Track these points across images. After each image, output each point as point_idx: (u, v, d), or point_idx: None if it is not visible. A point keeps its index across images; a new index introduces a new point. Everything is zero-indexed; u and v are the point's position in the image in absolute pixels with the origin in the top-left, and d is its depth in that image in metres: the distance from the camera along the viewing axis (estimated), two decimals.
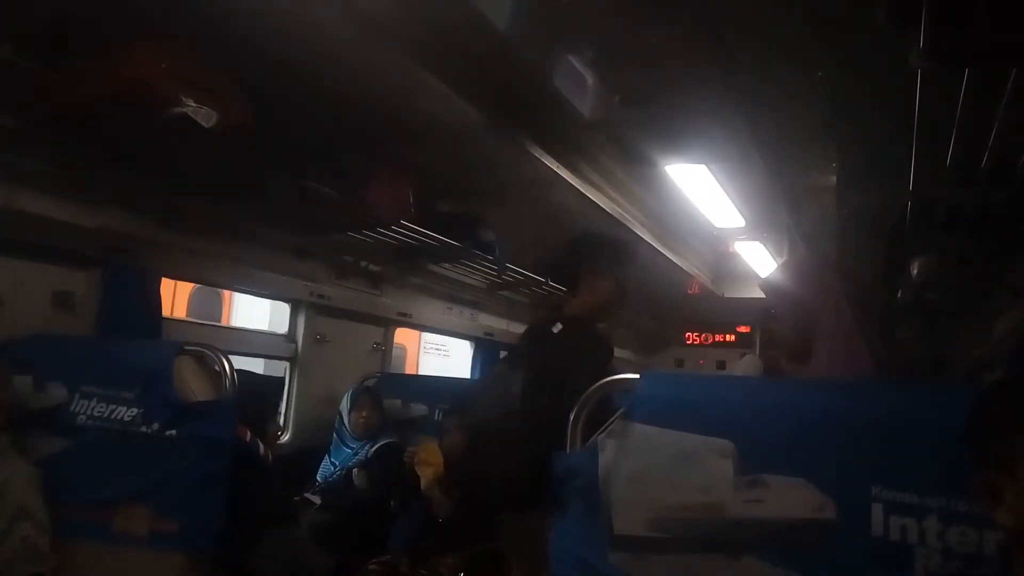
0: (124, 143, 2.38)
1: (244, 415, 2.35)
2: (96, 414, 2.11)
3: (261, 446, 2.50)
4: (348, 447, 3.52)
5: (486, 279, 4.63)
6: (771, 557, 1.34)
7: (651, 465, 1.47)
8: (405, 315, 4.33)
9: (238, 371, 2.24)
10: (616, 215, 3.78)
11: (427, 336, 6.82)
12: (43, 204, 2.39)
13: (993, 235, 2.80)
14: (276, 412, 2.67)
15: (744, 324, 7.79)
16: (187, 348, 2.24)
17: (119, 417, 2.09)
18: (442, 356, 7.58)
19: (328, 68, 2.31)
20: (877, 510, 1.27)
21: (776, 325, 2.00)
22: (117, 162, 2.51)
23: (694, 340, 7.97)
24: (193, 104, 2.10)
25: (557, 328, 2.44)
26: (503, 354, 5.47)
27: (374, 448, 3.47)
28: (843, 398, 1.46)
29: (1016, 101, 1.81)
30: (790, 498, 1.34)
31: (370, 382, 3.97)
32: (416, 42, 2.18)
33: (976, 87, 1.78)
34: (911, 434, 1.28)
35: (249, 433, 2.43)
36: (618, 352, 7.48)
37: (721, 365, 7.49)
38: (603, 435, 1.54)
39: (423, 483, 3.14)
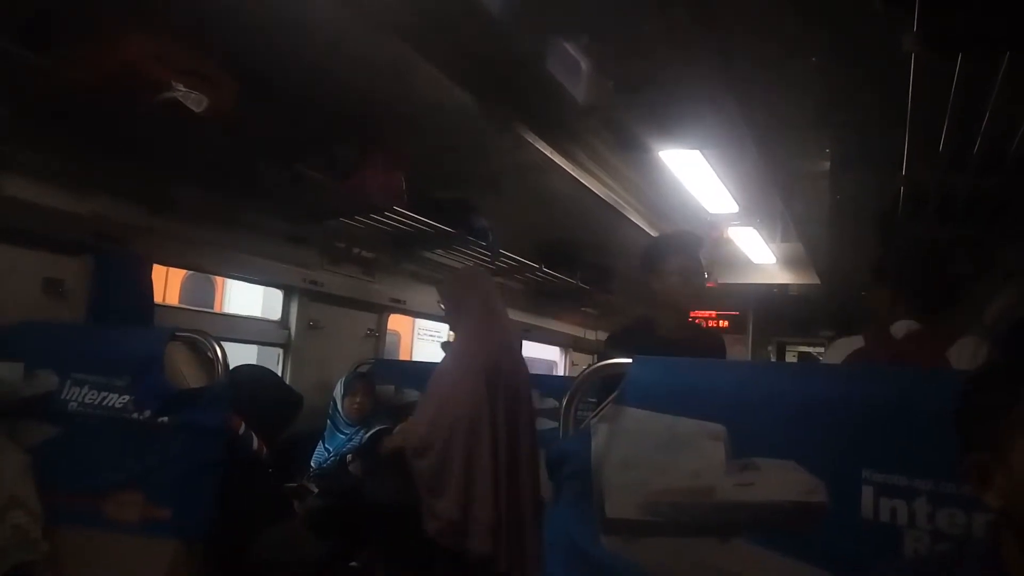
0: (114, 129, 2.36)
1: (258, 418, 2.35)
2: (87, 401, 2.10)
3: (255, 440, 2.49)
4: (342, 433, 3.52)
5: (480, 265, 4.63)
6: (762, 540, 1.34)
7: (643, 449, 1.47)
8: (399, 301, 4.33)
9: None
10: (610, 201, 3.78)
11: (421, 322, 6.82)
12: (33, 191, 2.36)
13: (985, 220, 2.82)
14: (286, 427, 2.67)
15: (737, 309, 7.80)
16: (179, 335, 2.22)
17: (110, 404, 2.08)
18: (436, 342, 7.58)
19: (320, 53, 2.29)
20: (867, 492, 1.27)
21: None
22: (107, 148, 2.49)
23: None
24: (183, 89, 2.08)
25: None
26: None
27: (368, 434, 3.47)
28: (835, 382, 1.47)
29: (1008, 86, 1.81)
30: (781, 481, 1.35)
31: (364, 368, 3.96)
32: (409, 27, 2.16)
33: (969, 72, 1.78)
34: (901, 417, 1.29)
35: (244, 425, 2.43)
36: None
37: None
38: (596, 419, 1.54)
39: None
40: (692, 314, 7.90)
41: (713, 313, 7.85)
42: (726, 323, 7.85)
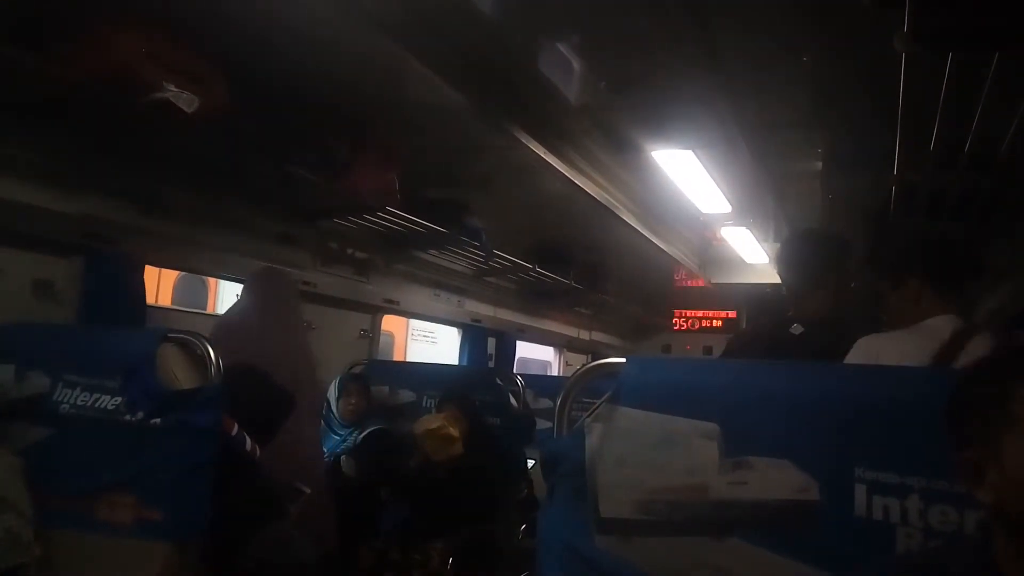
0: (105, 129, 2.35)
1: (250, 419, 2.34)
2: (79, 403, 2.09)
3: (248, 441, 2.48)
4: (336, 434, 3.52)
5: (473, 265, 4.63)
6: (755, 538, 1.35)
7: (637, 448, 1.47)
8: (392, 302, 4.33)
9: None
10: (603, 201, 3.78)
11: (415, 323, 6.80)
12: (23, 191, 2.35)
13: (975, 219, 2.83)
14: (278, 428, 2.67)
15: (730, 309, 7.82)
16: (171, 335, 2.21)
17: (102, 406, 2.07)
18: (430, 343, 7.57)
19: (313, 52, 2.28)
20: (860, 490, 1.28)
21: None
22: (99, 148, 2.48)
23: (681, 326, 8.02)
24: (174, 89, 2.08)
25: (797, 330, 2.24)
26: (488, 341, 5.49)
27: (362, 435, 3.47)
28: (827, 380, 1.47)
29: (998, 86, 1.82)
30: (774, 479, 1.35)
31: (358, 369, 3.96)
32: (402, 26, 2.16)
33: (959, 72, 1.79)
34: (894, 415, 1.29)
35: (236, 426, 2.42)
36: (606, 338, 7.57)
37: (708, 350, 7.52)
38: (590, 419, 1.54)
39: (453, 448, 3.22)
40: (691, 313, 7.94)
41: (709, 313, 7.88)
42: (719, 323, 7.88)
